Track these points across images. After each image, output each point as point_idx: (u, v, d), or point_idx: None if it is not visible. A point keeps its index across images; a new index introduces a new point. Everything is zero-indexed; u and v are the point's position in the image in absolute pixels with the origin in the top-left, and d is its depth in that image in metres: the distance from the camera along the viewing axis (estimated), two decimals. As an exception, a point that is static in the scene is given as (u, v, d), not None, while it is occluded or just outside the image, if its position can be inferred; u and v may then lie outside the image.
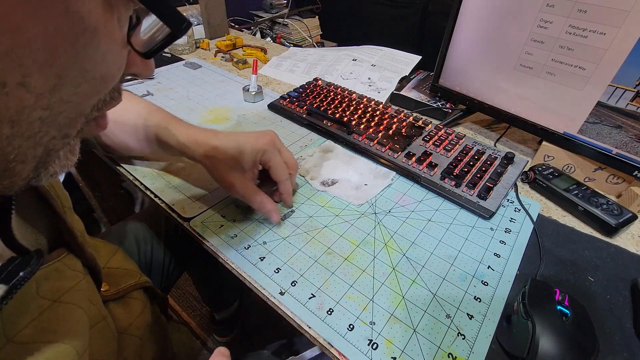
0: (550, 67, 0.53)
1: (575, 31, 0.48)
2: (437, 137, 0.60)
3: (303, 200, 0.50)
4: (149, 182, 0.52)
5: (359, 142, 0.59)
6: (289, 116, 0.68)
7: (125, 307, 0.40)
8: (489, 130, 0.71)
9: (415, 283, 0.40)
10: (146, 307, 0.44)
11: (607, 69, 0.47)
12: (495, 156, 0.56)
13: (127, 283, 0.42)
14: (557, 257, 0.44)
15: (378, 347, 0.34)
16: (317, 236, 0.45)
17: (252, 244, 0.43)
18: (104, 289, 0.37)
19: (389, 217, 0.48)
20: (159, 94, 0.75)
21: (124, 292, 0.40)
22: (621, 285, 0.41)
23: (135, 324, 0.40)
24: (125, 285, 0.41)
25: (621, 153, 0.50)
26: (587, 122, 0.52)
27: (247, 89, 0.74)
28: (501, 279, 0.41)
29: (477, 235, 0.46)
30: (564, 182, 0.52)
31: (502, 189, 0.51)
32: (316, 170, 0.55)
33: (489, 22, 0.57)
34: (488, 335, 0.35)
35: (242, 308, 1.01)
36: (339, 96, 0.71)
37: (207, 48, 1.00)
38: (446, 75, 0.68)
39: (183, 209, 0.48)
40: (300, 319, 0.36)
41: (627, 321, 0.38)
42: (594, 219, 0.47)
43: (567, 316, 0.34)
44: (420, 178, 0.53)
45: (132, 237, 0.61)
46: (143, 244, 0.62)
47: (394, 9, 1.56)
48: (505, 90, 0.60)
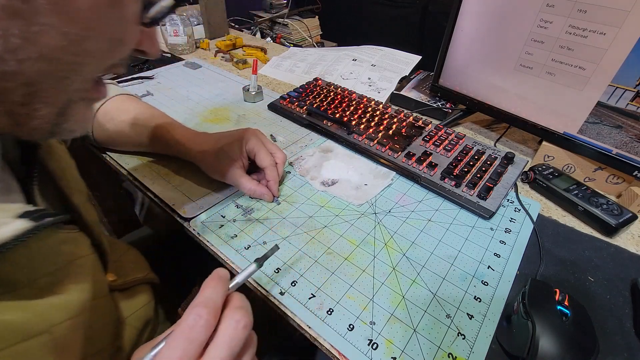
0: (550, 67, 0.53)
1: (575, 31, 0.48)
2: (437, 137, 0.60)
3: (303, 200, 0.50)
4: (149, 182, 0.52)
5: (359, 142, 0.59)
6: (289, 116, 0.68)
7: (128, 297, 0.41)
8: (489, 130, 0.71)
9: (415, 283, 0.40)
10: (150, 302, 0.45)
11: (607, 69, 0.47)
12: (495, 156, 0.56)
13: (135, 276, 0.43)
14: (557, 257, 0.44)
15: (378, 347, 0.34)
16: (317, 236, 0.45)
17: (252, 244, 0.43)
18: (111, 278, 0.39)
19: (389, 217, 0.48)
20: (159, 93, 0.75)
21: (130, 284, 0.42)
22: (621, 285, 0.41)
23: (135, 315, 0.41)
24: (132, 277, 0.42)
25: (621, 153, 0.50)
26: (587, 122, 0.52)
27: (247, 89, 0.74)
28: (501, 279, 0.41)
29: (477, 235, 0.46)
30: (564, 182, 0.52)
31: (502, 189, 0.51)
32: (316, 170, 0.55)
33: (489, 22, 0.57)
34: (488, 335, 0.35)
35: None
36: (339, 96, 0.71)
37: (207, 48, 1.00)
38: (446, 75, 0.68)
39: (183, 209, 0.48)
40: (300, 319, 0.36)
41: (627, 321, 0.38)
42: (594, 219, 0.47)
43: (567, 316, 0.34)
44: (420, 178, 0.53)
45: None
46: None
47: (394, 9, 1.56)
48: (505, 90, 0.60)
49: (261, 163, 0.49)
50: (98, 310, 0.32)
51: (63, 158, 0.34)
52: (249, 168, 0.51)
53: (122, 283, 0.40)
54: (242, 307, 0.27)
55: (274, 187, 0.49)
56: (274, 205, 0.49)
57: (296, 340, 0.59)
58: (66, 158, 0.35)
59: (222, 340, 0.24)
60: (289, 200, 0.50)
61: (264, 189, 0.48)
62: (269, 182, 0.49)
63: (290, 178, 0.54)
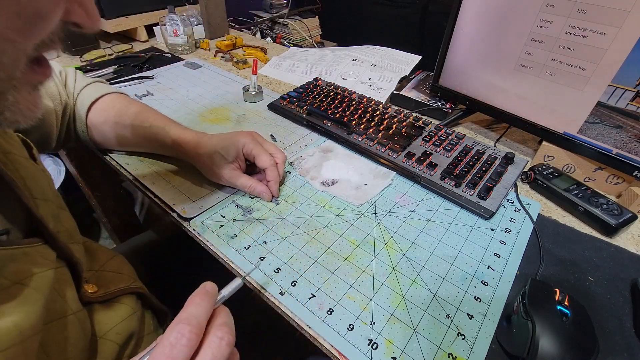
0: (550, 67, 0.53)
1: (575, 31, 0.48)
2: (437, 137, 0.60)
3: (303, 200, 0.50)
4: (149, 182, 0.52)
5: (359, 142, 0.59)
6: (289, 116, 0.68)
7: (109, 310, 0.39)
8: (489, 130, 0.71)
9: (415, 283, 0.40)
10: (134, 314, 0.42)
11: (607, 69, 0.47)
12: (495, 156, 0.56)
13: (117, 287, 0.41)
14: (557, 257, 0.44)
15: (378, 347, 0.34)
16: (317, 236, 0.45)
17: (252, 244, 0.43)
18: (92, 290, 0.37)
19: (389, 217, 0.48)
20: (159, 94, 0.75)
21: (112, 295, 0.40)
22: (621, 285, 0.41)
23: (116, 329, 0.38)
24: (114, 288, 0.40)
25: (621, 153, 0.50)
26: (587, 122, 0.52)
27: (247, 89, 0.74)
28: (501, 279, 0.41)
29: (477, 235, 0.46)
30: (564, 182, 0.52)
31: (502, 189, 0.51)
32: (316, 170, 0.55)
33: (489, 22, 0.57)
34: (488, 335, 0.35)
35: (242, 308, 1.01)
36: (339, 96, 0.71)
37: (207, 48, 1.00)
38: (446, 75, 0.68)
39: (183, 209, 0.48)
40: (300, 319, 0.36)
41: (627, 321, 0.38)
42: (594, 219, 0.47)
43: (567, 316, 0.34)
44: (420, 178, 0.53)
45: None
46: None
47: (394, 9, 1.56)
48: (505, 90, 0.60)
49: (261, 165, 0.49)
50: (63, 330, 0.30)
51: (23, 166, 0.31)
52: (250, 170, 0.51)
53: (103, 294, 0.38)
54: (226, 324, 0.27)
55: (274, 188, 0.49)
56: (274, 205, 0.49)
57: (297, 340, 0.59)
58: (28, 166, 0.32)
59: (204, 358, 0.24)
60: (289, 200, 0.50)
61: (263, 187, 0.48)
62: (269, 182, 0.49)
63: (290, 178, 0.54)
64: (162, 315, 0.49)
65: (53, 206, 0.34)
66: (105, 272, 0.42)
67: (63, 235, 0.33)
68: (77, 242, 0.36)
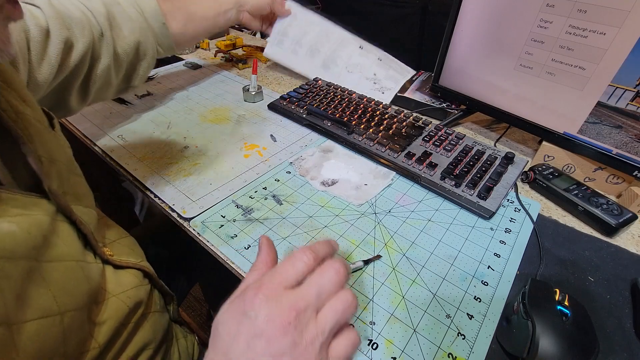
0: (550, 67, 0.53)
1: (575, 31, 0.48)
2: (437, 137, 0.60)
3: (303, 200, 0.50)
4: (149, 182, 0.52)
5: (359, 142, 0.59)
6: (289, 116, 0.68)
7: (121, 275, 0.39)
8: (489, 130, 0.71)
9: (415, 283, 0.40)
10: (143, 286, 0.42)
11: (607, 69, 0.47)
12: (495, 156, 0.56)
13: (129, 259, 0.41)
14: (557, 257, 0.44)
15: (378, 347, 0.34)
16: (317, 236, 0.45)
17: (252, 244, 0.43)
18: (110, 252, 0.38)
19: (389, 217, 0.48)
20: (159, 93, 0.75)
21: (125, 264, 0.40)
22: (621, 285, 0.41)
23: (127, 293, 0.39)
24: (126, 260, 0.40)
25: (621, 153, 0.50)
26: (587, 122, 0.52)
27: (247, 89, 0.74)
28: (501, 279, 0.41)
29: (477, 235, 0.46)
30: (564, 182, 0.52)
31: (502, 189, 0.51)
32: (316, 170, 0.55)
33: (489, 22, 0.57)
34: (488, 335, 0.35)
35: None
36: (339, 96, 0.71)
37: (207, 48, 1.00)
38: (446, 75, 0.68)
39: (183, 209, 0.48)
40: (300, 319, 0.36)
41: (627, 321, 0.38)
42: (594, 219, 0.47)
43: (567, 316, 0.34)
44: (420, 178, 0.53)
45: None
46: None
47: (394, 9, 1.56)
48: (505, 90, 0.60)
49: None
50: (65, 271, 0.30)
51: (35, 127, 0.32)
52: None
53: (118, 260, 0.39)
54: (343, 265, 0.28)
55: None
56: (274, 205, 0.49)
57: None
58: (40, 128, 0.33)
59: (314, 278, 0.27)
60: (289, 200, 0.50)
61: None
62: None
63: (290, 178, 0.54)
64: (169, 297, 0.49)
65: (62, 168, 0.34)
66: (120, 245, 0.43)
67: (70, 197, 0.33)
68: (87, 207, 0.36)
